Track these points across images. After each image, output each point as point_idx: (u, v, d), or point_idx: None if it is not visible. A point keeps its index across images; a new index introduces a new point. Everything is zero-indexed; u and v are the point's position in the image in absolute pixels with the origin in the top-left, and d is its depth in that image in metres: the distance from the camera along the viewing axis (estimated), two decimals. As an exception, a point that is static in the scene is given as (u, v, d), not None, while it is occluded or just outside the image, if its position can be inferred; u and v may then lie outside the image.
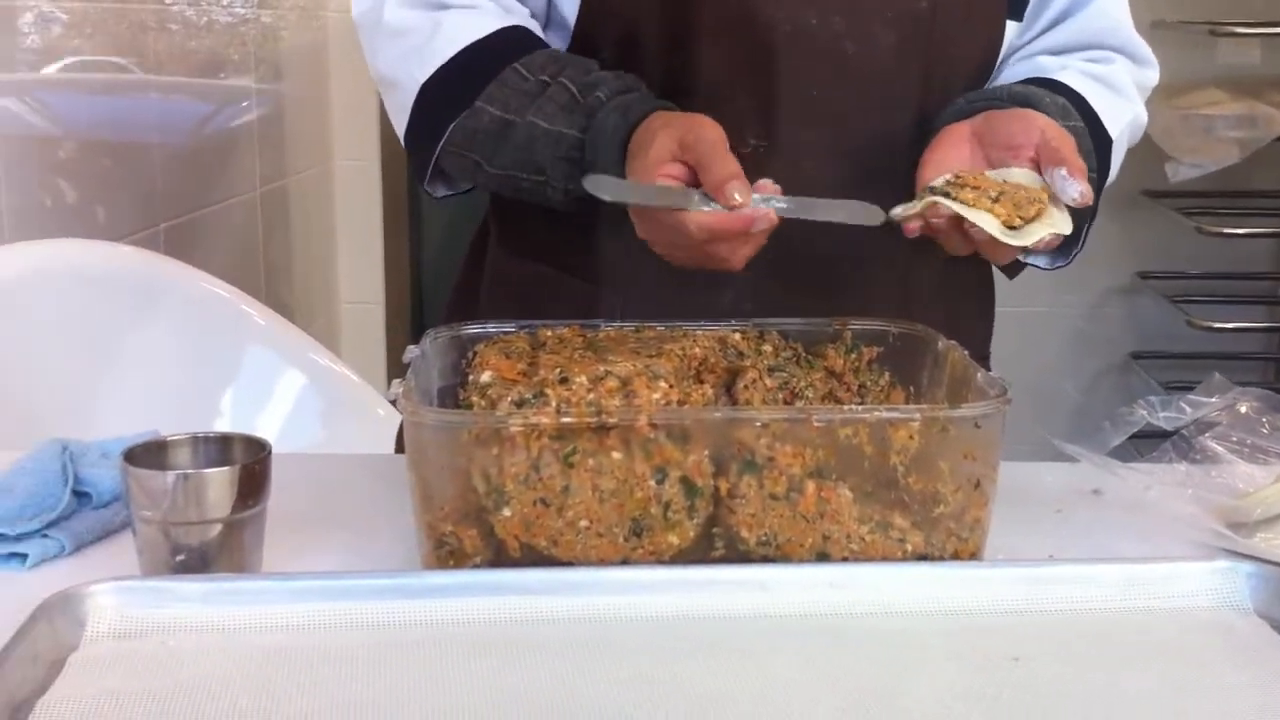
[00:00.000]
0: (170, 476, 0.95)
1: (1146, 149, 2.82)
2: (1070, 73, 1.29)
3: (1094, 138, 1.25)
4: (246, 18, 2.64)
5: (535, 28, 1.26)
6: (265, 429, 1.03)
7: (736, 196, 1.04)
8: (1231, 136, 2.75)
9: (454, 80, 1.22)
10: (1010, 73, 1.32)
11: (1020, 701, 0.82)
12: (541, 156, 1.19)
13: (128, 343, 1.71)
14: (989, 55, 1.29)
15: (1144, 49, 1.36)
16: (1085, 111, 1.26)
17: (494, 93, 1.21)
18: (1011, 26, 1.29)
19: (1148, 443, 1.25)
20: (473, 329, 1.13)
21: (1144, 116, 1.35)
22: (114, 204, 2.02)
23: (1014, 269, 1.37)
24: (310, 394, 1.87)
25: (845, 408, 1.07)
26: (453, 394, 1.08)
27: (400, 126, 1.27)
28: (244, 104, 2.63)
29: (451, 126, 1.22)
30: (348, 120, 3.16)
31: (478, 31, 1.23)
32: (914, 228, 1.10)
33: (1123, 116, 1.30)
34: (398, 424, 1.33)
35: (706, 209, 1.05)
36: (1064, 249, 1.32)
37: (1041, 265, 1.34)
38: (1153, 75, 1.37)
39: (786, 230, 1.15)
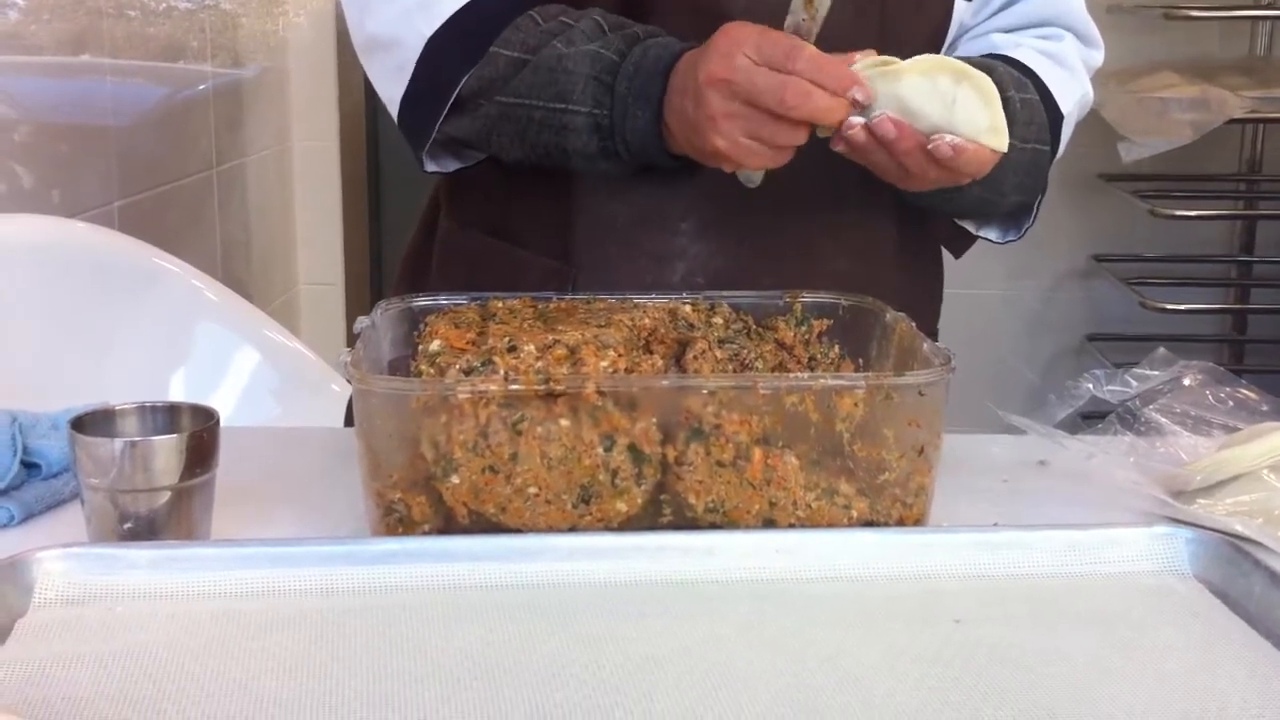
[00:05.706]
0: (118, 444, 0.95)
1: (1101, 133, 2.85)
2: (1024, 50, 1.31)
3: (1047, 113, 1.27)
4: (206, 4, 2.63)
5: None
6: (220, 405, 1.03)
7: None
8: (1185, 119, 2.77)
9: (465, 30, 1.18)
10: (964, 50, 1.33)
11: (961, 661, 0.83)
12: (567, 78, 1.15)
13: (81, 318, 1.70)
14: (939, 33, 1.30)
15: (1093, 29, 1.38)
16: (1038, 87, 1.27)
17: (510, 37, 1.18)
18: (960, 6, 1.30)
19: (1099, 419, 1.26)
20: (424, 301, 1.13)
21: (1091, 94, 1.37)
22: (69, 186, 2.01)
23: (962, 246, 1.38)
24: (265, 370, 1.87)
25: (791, 375, 1.07)
26: (404, 365, 1.08)
27: (397, 88, 1.21)
28: (201, 87, 2.62)
29: (465, 78, 1.18)
30: (307, 103, 3.14)
31: None
32: (853, 139, 1.10)
33: (1073, 93, 1.32)
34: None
35: None
36: (1016, 223, 1.34)
37: (993, 238, 1.35)
38: (1099, 56, 1.39)
39: (743, 205, 1.16)
